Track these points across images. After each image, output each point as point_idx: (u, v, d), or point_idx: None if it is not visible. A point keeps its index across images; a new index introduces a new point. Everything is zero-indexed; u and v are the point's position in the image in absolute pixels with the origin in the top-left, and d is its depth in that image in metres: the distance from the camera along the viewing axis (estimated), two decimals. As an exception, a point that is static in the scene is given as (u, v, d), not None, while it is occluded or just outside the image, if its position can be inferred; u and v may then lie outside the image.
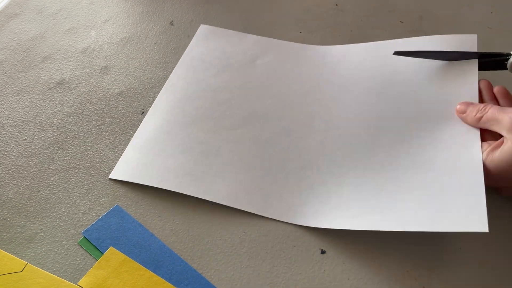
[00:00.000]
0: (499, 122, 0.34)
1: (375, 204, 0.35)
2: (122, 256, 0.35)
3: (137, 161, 0.41)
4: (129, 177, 0.40)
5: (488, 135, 0.37)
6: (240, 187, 0.39)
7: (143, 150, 0.42)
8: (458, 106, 0.38)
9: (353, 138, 0.41)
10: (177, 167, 0.40)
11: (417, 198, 0.34)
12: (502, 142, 0.34)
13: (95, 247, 0.36)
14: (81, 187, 0.40)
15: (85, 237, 0.37)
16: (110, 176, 0.41)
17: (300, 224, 0.37)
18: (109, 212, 0.38)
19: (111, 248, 0.36)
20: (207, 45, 0.51)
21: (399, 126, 0.40)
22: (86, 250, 0.36)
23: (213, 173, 0.40)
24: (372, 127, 0.41)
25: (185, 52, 0.51)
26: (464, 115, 0.37)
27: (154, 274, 0.34)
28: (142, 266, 0.35)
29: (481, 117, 0.36)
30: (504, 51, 0.41)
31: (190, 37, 0.53)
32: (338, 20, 0.55)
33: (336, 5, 0.57)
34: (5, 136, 0.44)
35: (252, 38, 0.52)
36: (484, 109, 0.36)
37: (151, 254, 0.36)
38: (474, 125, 0.37)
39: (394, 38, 0.47)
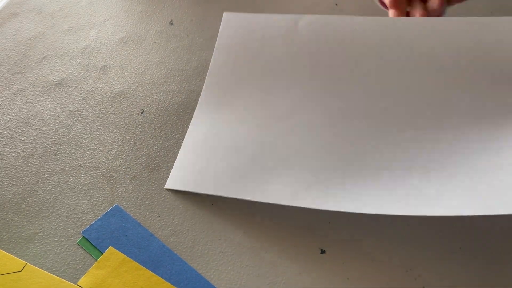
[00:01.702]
0: None
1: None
2: (122, 256, 0.35)
3: (191, 167, 0.39)
4: (184, 185, 0.38)
5: None
6: (298, 183, 0.36)
7: (195, 155, 0.40)
8: None
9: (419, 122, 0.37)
10: (231, 170, 0.38)
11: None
12: None
13: (95, 247, 0.36)
14: (81, 187, 0.40)
15: (85, 237, 0.37)
16: (166, 186, 0.39)
17: (370, 212, 0.34)
18: (108, 211, 0.38)
19: (110, 248, 0.36)
20: (239, 29, 0.46)
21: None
22: (85, 250, 0.36)
23: (268, 172, 0.37)
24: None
25: (218, 42, 0.46)
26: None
27: (154, 274, 0.34)
28: (142, 266, 0.35)
29: None
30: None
31: (189, 36, 0.53)
32: (337, 20, 0.55)
33: (336, 4, 0.57)
34: (4, 136, 0.44)
35: (286, 16, 0.46)
36: None
37: (150, 254, 0.36)
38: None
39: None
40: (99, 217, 0.38)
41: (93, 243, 0.36)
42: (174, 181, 0.39)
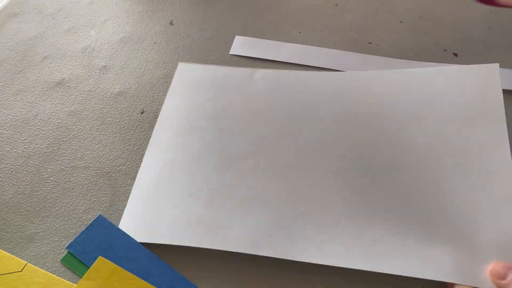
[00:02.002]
0: None
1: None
2: (112, 265, 0.34)
3: (142, 215, 0.37)
4: (136, 235, 0.36)
5: None
6: (259, 229, 0.35)
7: (146, 201, 0.38)
8: (492, 267, 0.30)
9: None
10: (187, 215, 0.36)
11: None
12: None
13: (81, 262, 0.35)
14: (81, 187, 0.40)
15: (70, 252, 0.35)
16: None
17: (332, 264, 0.33)
18: (92, 223, 0.37)
19: (100, 257, 0.35)
20: (195, 77, 0.46)
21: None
22: (70, 269, 0.35)
23: (227, 217, 0.36)
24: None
25: (171, 88, 0.46)
26: (505, 281, 0.29)
27: (146, 282, 0.34)
28: (133, 275, 0.34)
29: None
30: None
31: (189, 36, 0.53)
32: (338, 20, 0.55)
33: (336, 5, 0.57)
34: (4, 136, 0.44)
35: (240, 69, 0.46)
36: None
37: (139, 264, 0.35)
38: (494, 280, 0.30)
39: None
40: (82, 230, 0.37)
41: (79, 258, 0.35)
42: (127, 229, 0.36)
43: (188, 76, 0.46)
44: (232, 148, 0.40)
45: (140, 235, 0.36)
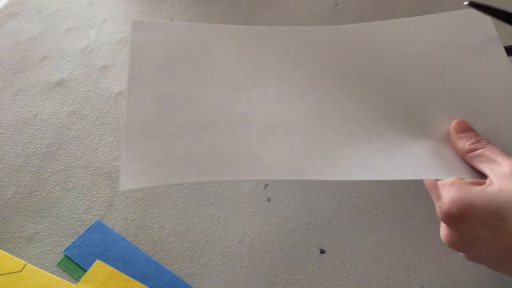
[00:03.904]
0: (495, 164, 0.29)
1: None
2: (110, 268, 0.34)
3: (151, 156, 0.31)
4: (150, 180, 0.30)
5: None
6: (296, 155, 0.32)
7: (150, 138, 0.31)
8: (455, 123, 0.33)
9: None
10: (209, 148, 0.31)
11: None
12: (481, 183, 0.29)
13: (78, 265, 0.35)
14: (81, 187, 0.40)
15: (67, 255, 0.36)
16: (121, 188, 0.29)
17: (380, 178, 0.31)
18: (89, 227, 0.37)
19: (97, 261, 0.35)
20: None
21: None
22: (66, 271, 0.35)
23: (255, 146, 0.32)
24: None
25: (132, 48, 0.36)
26: (459, 136, 0.32)
27: (144, 285, 0.34)
28: (131, 278, 0.34)
29: (476, 149, 0.31)
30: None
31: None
32: (337, 20, 0.55)
33: (336, 4, 0.57)
34: (4, 136, 0.44)
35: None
36: (484, 144, 0.31)
37: (137, 268, 0.35)
38: (460, 154, 0.32)
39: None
40: (80, 234, 0.37)
41: (76, 261, 0.35)
42: (131, 178, 0.29)
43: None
44: (231, 80, 0.35)
45: (155, 178, 0.30)
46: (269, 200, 0.39)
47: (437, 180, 0.31)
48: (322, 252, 0.36)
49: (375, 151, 0.33)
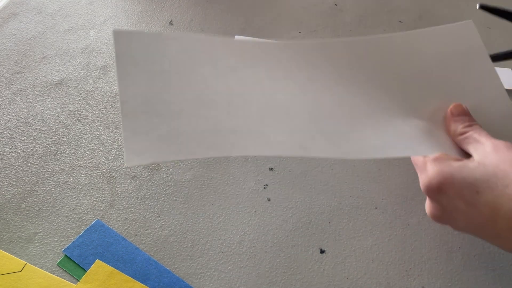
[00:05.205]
0: (479, 143, 0.31)
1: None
2: (110, 268, 0.34)
3: (155, 133, 0.30)
4: (155, 155, 0.29)
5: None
6: (300, 133, 0.32)
7: (151, 117, 0.30)
8: (453, 106, 0.35)
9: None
10: (214, 125, 0.31)
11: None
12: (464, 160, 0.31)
13: (78, 265, 0.35)
14: (81, 187, 0.40)
15: (67, 255, 0.36)
16: (126, 164, 0.29)
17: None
18: (89, 227, 0.37)
19: (97, 261, 0.35)
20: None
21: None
22: (66, 271, 0.35)
23: (259, 124, 0.31)
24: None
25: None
26: (454, 119, 0.34)
27: (144, 285, 0.34)
28: (131, 278, 0.34)
29: (466, 132, 0.32)
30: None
31: (189, 36, 0.53)
32: (337, 20, 0.55)
33: (335, 4, 0.57)
34: (4, 136, 0.44)
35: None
36: (476, 128, 0.33)
37: (137, 267, 0.35)
38: (452, 136, 0.34)
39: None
40: (80, 234, 0.37)
41: (76, 261, 0.35)
42: (136, 155, 0.29)
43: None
44: (222, 60, 0.34)
45: (166, 153, 0.29)
46: (269, 200, 0.39)
47: (424, 156, 0.32)
48: (322, 252, 0.36)
49: (370, 132, 0.33)
